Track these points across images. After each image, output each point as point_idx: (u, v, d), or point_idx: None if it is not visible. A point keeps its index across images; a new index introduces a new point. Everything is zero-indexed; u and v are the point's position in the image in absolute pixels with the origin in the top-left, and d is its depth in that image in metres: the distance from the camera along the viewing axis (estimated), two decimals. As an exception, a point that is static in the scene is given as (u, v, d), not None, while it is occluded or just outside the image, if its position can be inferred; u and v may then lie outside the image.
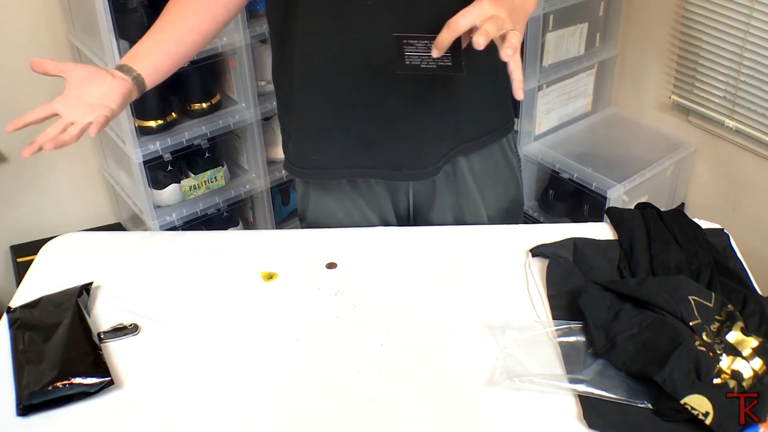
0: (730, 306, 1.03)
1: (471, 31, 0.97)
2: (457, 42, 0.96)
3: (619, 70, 2.40)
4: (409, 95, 1.19)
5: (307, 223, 1.39)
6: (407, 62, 1.01)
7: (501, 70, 1.31)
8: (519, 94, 0.99)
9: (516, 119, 2.26)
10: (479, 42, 0.93)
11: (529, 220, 2.35)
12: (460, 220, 1.36)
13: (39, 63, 1.11)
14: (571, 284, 1.14)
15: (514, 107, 2.22)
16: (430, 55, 0.98)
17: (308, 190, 1.35)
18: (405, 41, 0.99)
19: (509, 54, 0.96)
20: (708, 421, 0.89)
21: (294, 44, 1.19)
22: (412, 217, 1.38)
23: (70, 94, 1.11)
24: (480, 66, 1.24)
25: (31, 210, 2.24)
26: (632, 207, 1.34)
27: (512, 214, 1.41)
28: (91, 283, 1.18)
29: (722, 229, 1.25)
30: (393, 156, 1.26)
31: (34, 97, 2.10)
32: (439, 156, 1.27)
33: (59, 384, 0.98)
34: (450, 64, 0.99)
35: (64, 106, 1.10)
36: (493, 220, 1.37)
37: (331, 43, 1.15)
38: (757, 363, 0.96)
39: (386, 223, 1.36)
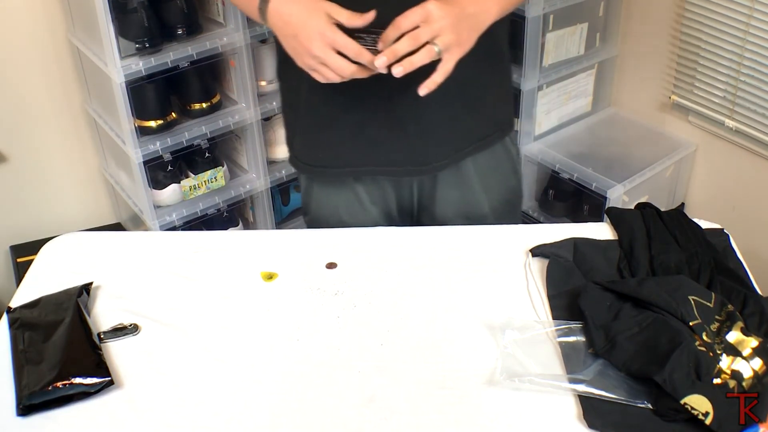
0: (730, 306, 1.03)
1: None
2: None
3: (619, 70, 2.40)
4: (417, 94, 1.18)
5: (310, 216, 1.40)
6: None
7: (505, 69, 1.32)
8: (423, 90, 1.05)
9: (516, 119, 2.26)
10: (397, 72, 1.01)
11: (529, 220, 2.35)
12: (462, 213, 1.36)
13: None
14: (571, 284, 1.14)
15: (514, 106, 2.24)
16: (377, 49, 1.03)
17: (312, 184, 1.36)
18: (355, 35, 1.04)
19: (424, 91, 1.04)
20: (708, 421, 0.89)
21: None
22: (416, 211, 1.38)
23: None
24: (488, 66, 1.24)
25: (31, 210, 2.24)
26: (632, 207, 1.34)
27: (513, 205, 1.43)
28: (91, 283, 1.18)
29: (722, 229, 1.25)
30: (399, 154, 1.27)
31: (34, 96, 2.11)
32: (445, 154, 1.28)
33: (59, 384, 0.98)
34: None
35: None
36: (495, 212, 1.38)
37: None
38: (757, 363, 0.96)
39: (389, 218, 1.37)
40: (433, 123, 1.24)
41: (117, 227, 2.37)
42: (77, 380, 0.98)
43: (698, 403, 0.90)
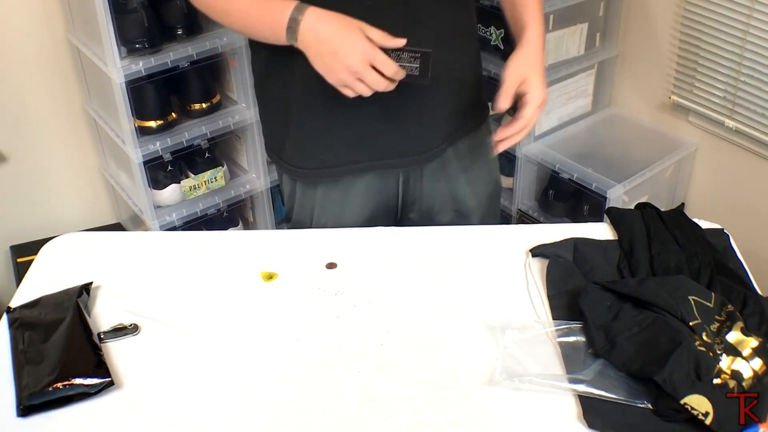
0: (730, 306, 1.03)
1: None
2: (427, 55, 1.08)
3: (619, 70, 2.40)
4: (403, 84, 1.19)
5: (293, 222, 1.41)
6: None
7: (477, 50, 1.37)
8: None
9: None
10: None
11: (529, 220, 2.35)
12: (448, 206, 1.38)
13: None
14: (571, 284, 1.14)
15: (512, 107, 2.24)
16: (411, 65, 1.10)
17: (295, 189, 1.37)
18: (389, 51, 1.09)
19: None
20: (708, 421, 0.89)
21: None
22: (400, 206, 1.39)
23: None
24: (461, 47, 1.29)
25: (31, 210, 2.24)
26: (632, 207, 1.34)
27: (494, 197, 1.46)
28: (91, 283, 1.18)
29: (722, 229, 1.25)
30: (398, 144, 1.28)
31: (34, 96, 2.11)
32: (443, 137, 1.30)
33: (59, 385, 0.98)
34: (417, 74, 1.10)
35: None
36: (480, 205, 1.41)
37: None
38: (757, 363, 0.96)
39: (372, 217, 1.37)
40: (430, 109, 1.26)
41: (117, 227, 2.37)
42: (77, 381, 0.98)
43: (698, 403, 0.90)
